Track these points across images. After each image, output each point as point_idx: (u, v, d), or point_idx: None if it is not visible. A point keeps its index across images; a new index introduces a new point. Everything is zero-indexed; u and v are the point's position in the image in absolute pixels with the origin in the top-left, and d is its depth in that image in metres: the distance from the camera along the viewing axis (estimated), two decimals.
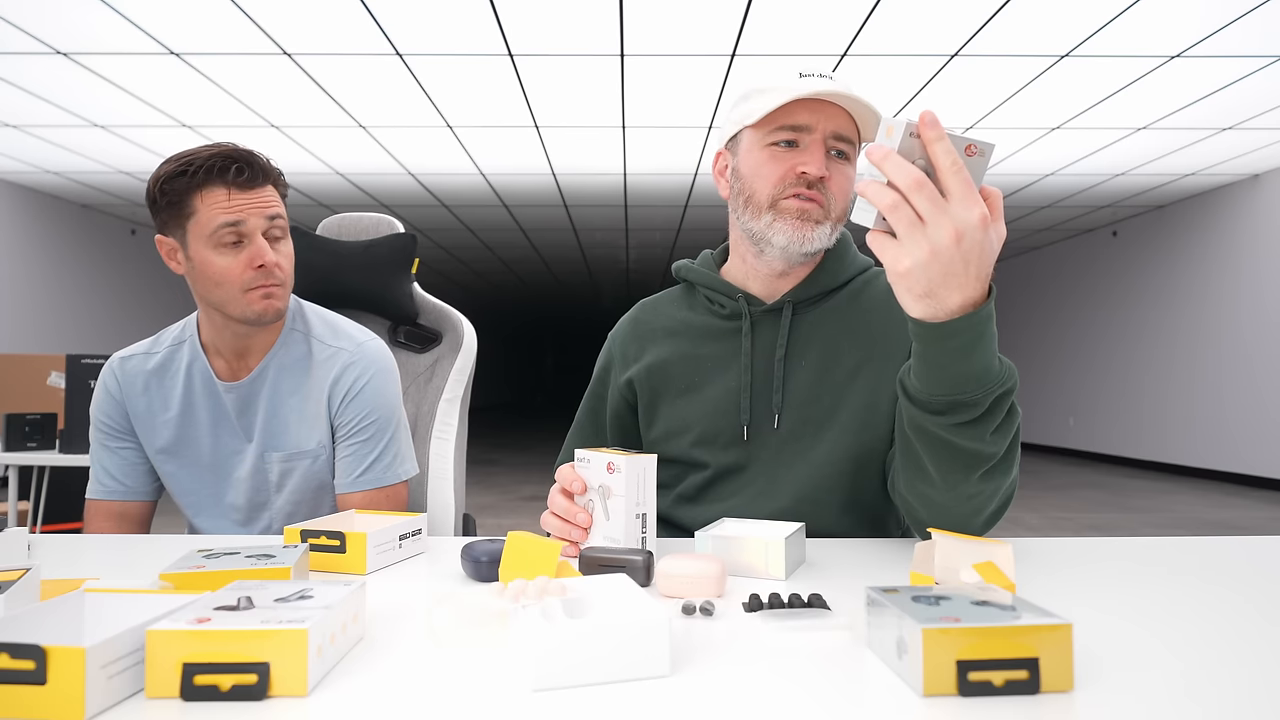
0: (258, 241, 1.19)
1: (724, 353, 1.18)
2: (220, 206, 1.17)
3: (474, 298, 15.84)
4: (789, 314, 1.16)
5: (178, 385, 1.29)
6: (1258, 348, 7.28)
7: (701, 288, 1.23)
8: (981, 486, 0.88)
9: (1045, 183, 7.36)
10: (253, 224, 1.19)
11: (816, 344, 1.15)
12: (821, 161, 1.07)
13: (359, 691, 0.55)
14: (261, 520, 1.31)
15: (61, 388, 3.78)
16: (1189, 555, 0.95)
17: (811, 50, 4.51)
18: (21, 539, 0.92)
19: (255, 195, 1.20)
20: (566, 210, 8.47)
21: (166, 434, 1.29)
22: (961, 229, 0.70)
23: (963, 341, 0.77)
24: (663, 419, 1.20)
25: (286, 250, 1.25)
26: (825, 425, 1.12)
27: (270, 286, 1.21)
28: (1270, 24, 4.18)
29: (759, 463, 1.14)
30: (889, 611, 0.58)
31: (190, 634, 0.54)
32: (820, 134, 1.07)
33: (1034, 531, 5.34)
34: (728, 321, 1.20)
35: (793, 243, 1.09)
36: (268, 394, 1.29)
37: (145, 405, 1.30)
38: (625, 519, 0.91)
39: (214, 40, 4.35)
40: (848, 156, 1.10)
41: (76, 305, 8.27)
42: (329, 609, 0.59)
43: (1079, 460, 9.86)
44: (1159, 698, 0.53)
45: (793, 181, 1.08)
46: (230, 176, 1.17)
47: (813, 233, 1.09)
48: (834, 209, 1.10)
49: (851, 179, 1.11)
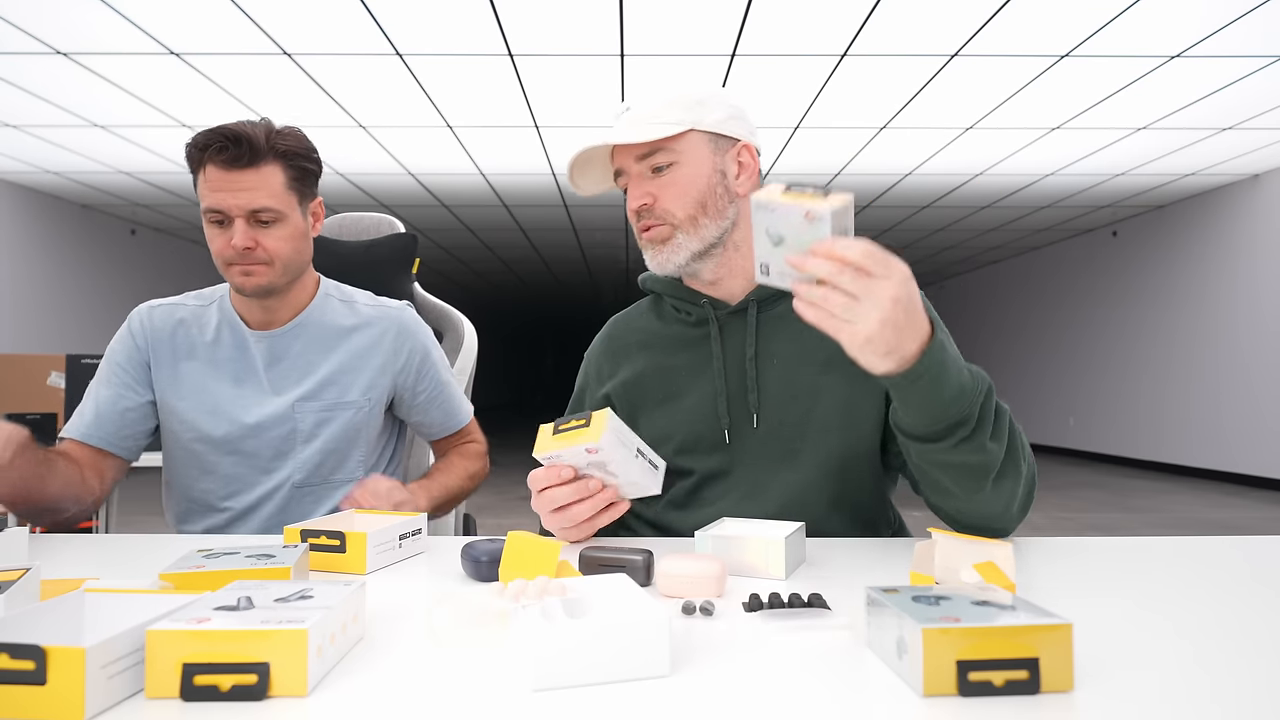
0: (236, 224, 1.23)
1: (697, 359, 1.18)
2: (208, 186, 1.23)
3: (474, 298, 15.84)
4: (754, 313, 1.16)
5: (206, 336, 1.35)
6: (1257, 348, 7.28)
7: (667, 297, 1.23)
8: (1000, 487, 0.95)
9: (1045, 183, 7.36)
10: (231, 211, 1.23)
11: (785, 340, 1.15)
12: (634, 194, 1.13)
13: (359, 691, 0.55)
14: (284, 469, 1.32)
15: (61, 388, 3.78)
16: (1189, 555, 0.95)
17: (811, 50, 4.51)
18: (22, 539, 0.92)
19: (240, 178, 1.22)
20: (566, 210, 8.47)
21: (188, 381, 1.33)
22: (895, 292, 0.78)
23: (931, 375, 0.85)
24: (643, 431, 1.18)
25: (280, 232, 1.27)
26: (805, 423, 1.12)
27: (247, 265, 1.25)
28: (1270, 24, 4.18)
29: (743, 465, 1.14)
30: (889, 611, 0.58)
31: (190, 634, 0.54)
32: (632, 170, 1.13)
33: (1034, 531, 5.34)
34: (696, 328, 1.20)
35: (656, 266, 1.15)
36: (303, 347, 1.35)
37: (170, 351, 1.34)
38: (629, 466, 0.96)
39: (214, 40, 4.35)
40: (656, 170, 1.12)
41: (76, 305, 8.27)
42: (329, 609, 0.59)
43: (1079, 460, 9.86)
44: (1159, 698, 0.53)
45: (634, 217, 1.15)
46: (213, 155, 1.21)
47: (662, 253, 1.13)
48: (673, 218, 1.12)
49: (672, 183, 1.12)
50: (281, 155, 1.25)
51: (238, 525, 1.33)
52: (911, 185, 7.44)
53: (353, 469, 1.37)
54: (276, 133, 1.25)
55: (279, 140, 1.25)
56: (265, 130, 1.24)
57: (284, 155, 1.25)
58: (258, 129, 1.23)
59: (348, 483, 1.35)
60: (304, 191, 1.30)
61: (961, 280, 13.29)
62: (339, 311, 1.39)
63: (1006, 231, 9.66)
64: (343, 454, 1.36)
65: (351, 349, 1.37)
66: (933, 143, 6.17)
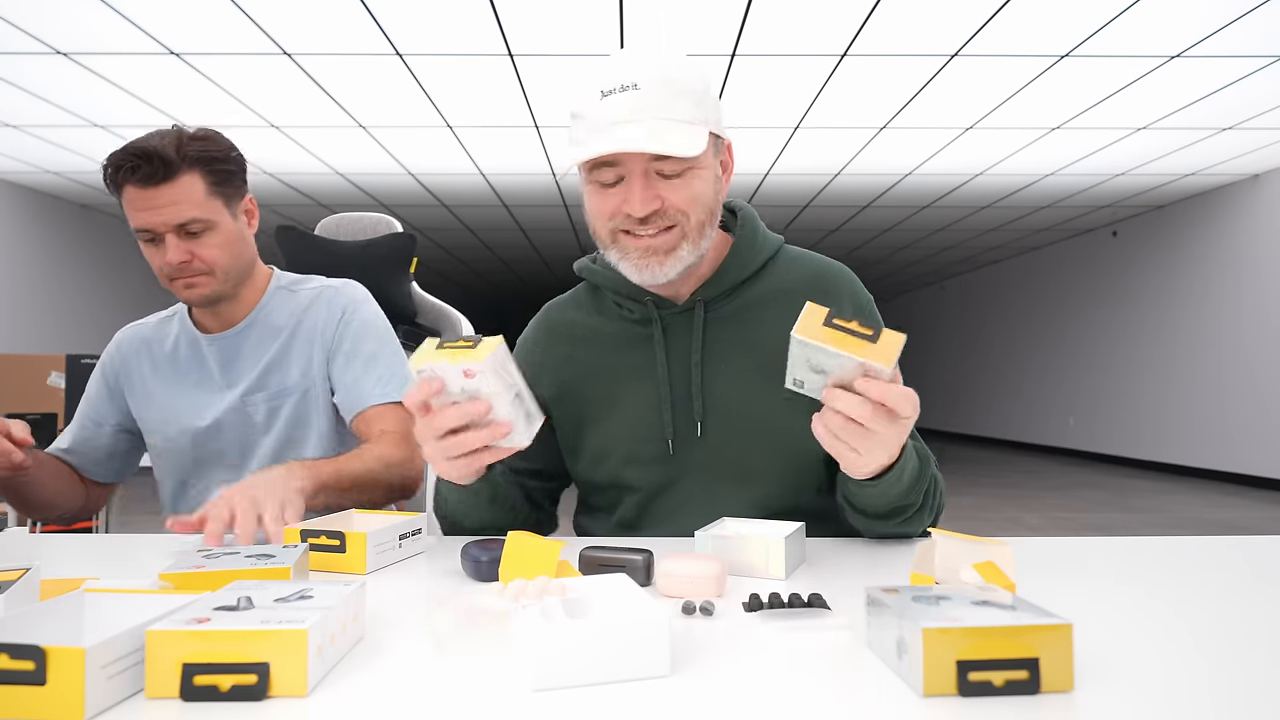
0: (166, 240, 1.23)
1: (639, 362, 1.10)
2: (131, 207, 1.23)
3: (474, 298, 15.83)
4: (701, 313, 1.09)
5: (166, 348, 1.38)
6: (1257, 348, 7.28)
7: (608, 290, 1.14)
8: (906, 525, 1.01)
9: (1045, 183, 7.36)
10: (158, 228, 1.23)
11: (734, 343, 1.08)
12: (643, 197, 0.97)
13: (359, 692, 0.55)
14: (250, 465, 1.34)
15: (61, 388, 3.78)
16: (1189, 555, 0.95)
17: (811, 50, 4.50)
18: (22, 539, 0.92)
19: (160, 194, 1.21)
20: (566, 210, 8.47)
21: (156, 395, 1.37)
22: (903, 436, 0.86)
23: (895, 473, 0.91)
24: (587, 445, 1.13)
25: (213, 239, 1.26)
26: (755, 432, 1.06)
27: (188, 278, 1.27)
28: (1270, 24, 4.18)
29: (689, 478, 1.08)
30: (889, 611, 0.58)
31: (190, 634, 0.54)
32: (637, 167, 0.98)
33: (1034, 531, 5.34)
34: (640, 327, 1.12)
35: (645, 278, 1.03)
36: (253, 344, 1.36)
37: (138, 371, 1.39)
38: (504, 404, 0.85)
39: (214, 40, 4.35)
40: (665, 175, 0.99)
41: (76, 305, 8.27)
42: (329, 609, 0.59)
43: (1079, 460, 9.86)
44: (1159, 698, 0.53)
45: (623, 219, 1.00)
46: (130, 176, 1.20)
47: (662, 265, 1.01)
48: (686, 222, 1.00)
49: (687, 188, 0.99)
50: (197, 162, 1.22)
51: None
52: (911, 185, 7.43)
53: (313, 455, 1.34)
54: (189, 140, 1.22)
55: (191, 148, 1.21)
56: (176, 140, 1.20)
57: (200, 162, 1.22)
58: (167, 141, 1.20)
59: None
60: (229, 194, 1.28)
61: (962, 280, 13.28)
62: (287, 302, 1.39)
63: (1006, 231, 9.66)
64: (299, 441, 1.35)
65: (291, 334, 1.36)
66: (933, 143, 6.17)
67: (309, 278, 1.44)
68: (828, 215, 8.67)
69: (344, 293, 1.40)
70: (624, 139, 0.94)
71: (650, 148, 0.94)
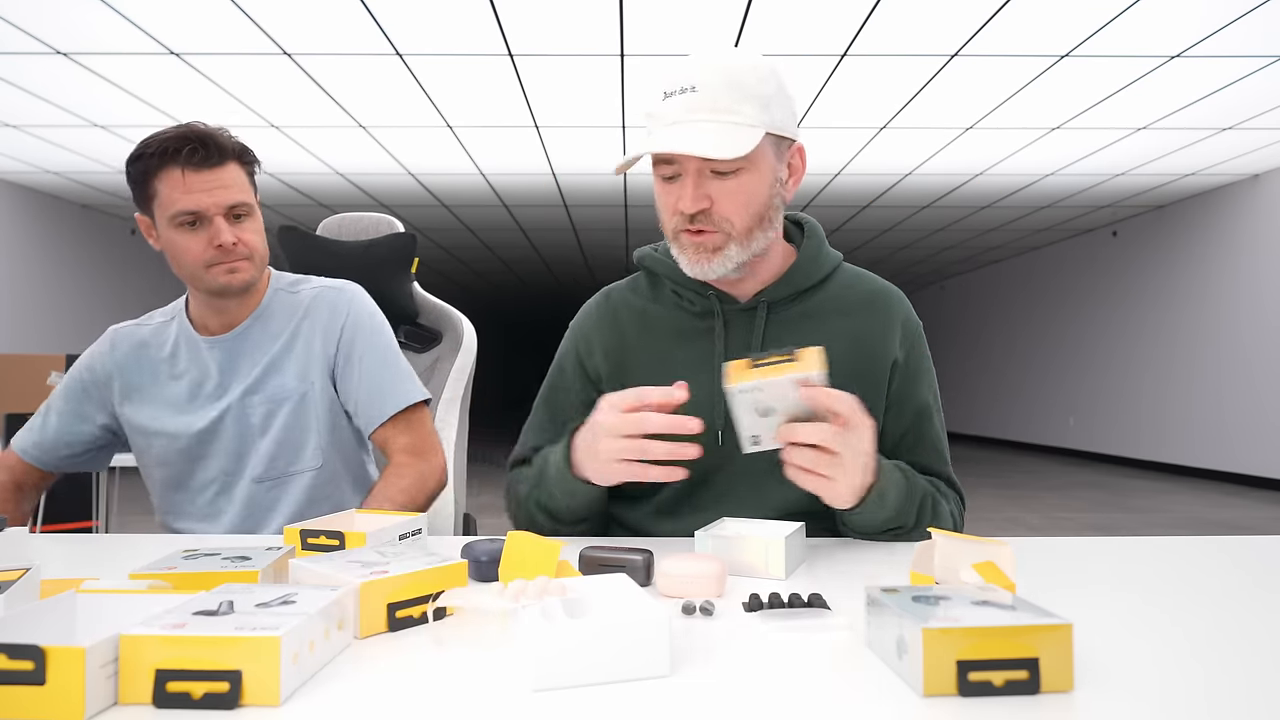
0: (216, 223, 1.24)
1: (694, 352, 1.14)
2: (178, 190, 1.23)
3: (474, 298, 15.83)
4: (764, 314, 1.13)
5: (164, 352, 1.37)
6: (1257, 348, 7.28)
7: (668, 280, 1.17)
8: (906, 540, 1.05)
9: (1045, 183, 7.36)
10: (210, 210, 1.24)
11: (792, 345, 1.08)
12: (693, 196, 1.02)
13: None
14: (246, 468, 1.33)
15: None
16: (1189, 555, 0.95)
17: (811, 50, 4.51)
18: (22, 539, 0.92)
19: (212, 177, 1.24)
20: (566, 210, 8.47)
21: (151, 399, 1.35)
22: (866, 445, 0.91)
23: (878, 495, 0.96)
24: None
25: (252, 226, 1.30)
26: None
27: (232, 262, 1.27)
28: (1270, 24, 4.18)
29: (734, 470, 1.10)
30: (889, 611, 0.58)
31: (163, 639, 0.52)
32: (691, 166, 1.02)
33: (1034, 531, 5.34)
34: (698, 319, 1.15)
35: (695, 272, 1.08)
36: (253, 346, 1.35)
37: (135, 374, 1.37)
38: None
39: (214, 40, 4.35)
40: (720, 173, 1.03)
41: (76, 305, 8.27)
42: (308, 616, 0.57)
43: (1079, 460, 9.86)
44: (1158, 697, 0.53)
45: (681, 216, 1.05)
46: (184, 159, 1.22)
47: (710, 262, 1.06)
48: (731, 228, 1.04)
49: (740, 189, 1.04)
50: (237, 153, 1.28)
51: (209, 526, 1.34)
52: (911, 185, 7.43)
53: (310, 458, 1.35)
54: (224, 133, 1.28)
55: (228, 139, 1.28)
56: (216, 131, 1.27)
57: (239, 153, 1.29)
58: (211, 130, 1.26)
59: (307, 472, 1.34)
60: (255, 187, 1.34)
61: (962, 280, 13.29)
62: (286, 303, 1.39)
63: (1007, 231, 9.66)
64: (297, 443, 1.34)
65: (291, 335, 1.36)
66: (933, 143, 6.17)
67: (307, 278, 1.44)
68: (828, 215, 8.67)
69: (344, 294, 1.40)
70: (666, 140, 1.01)
71: (687, 149, 0.98)
